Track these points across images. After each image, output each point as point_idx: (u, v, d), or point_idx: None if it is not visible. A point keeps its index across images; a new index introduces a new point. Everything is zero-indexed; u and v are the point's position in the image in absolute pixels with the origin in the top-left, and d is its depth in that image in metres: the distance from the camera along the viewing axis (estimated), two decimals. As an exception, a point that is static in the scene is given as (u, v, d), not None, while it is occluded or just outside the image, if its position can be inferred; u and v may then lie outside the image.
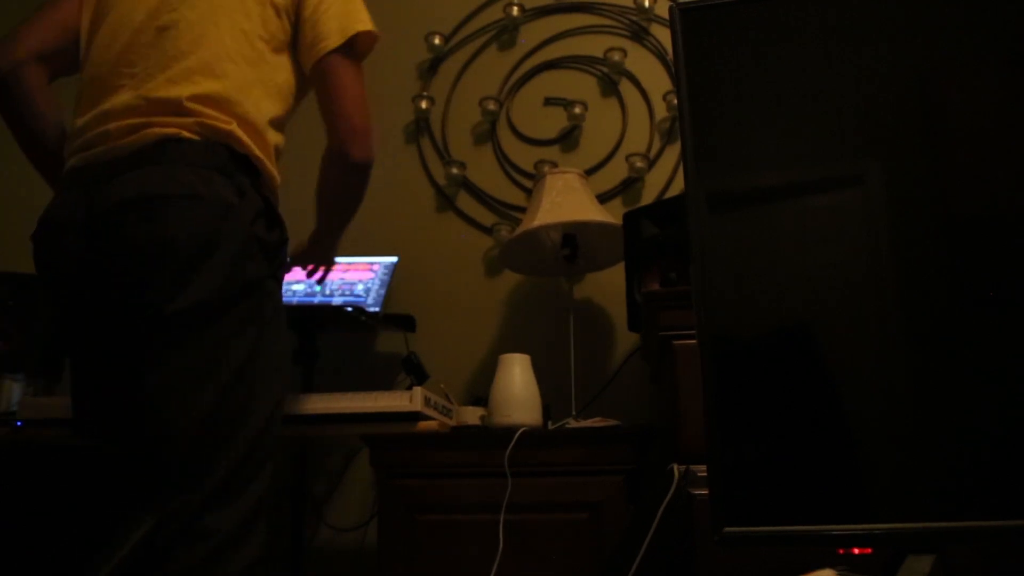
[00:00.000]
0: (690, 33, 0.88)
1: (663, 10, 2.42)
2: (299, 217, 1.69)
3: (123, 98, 1.34)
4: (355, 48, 1.53)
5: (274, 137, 1.46)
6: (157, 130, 1.30)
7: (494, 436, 1.71)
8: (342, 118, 1.52)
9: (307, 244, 1.73)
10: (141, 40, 1.38)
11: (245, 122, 1.37)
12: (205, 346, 1.27)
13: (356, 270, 2.27)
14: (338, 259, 2.30)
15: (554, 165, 2.33)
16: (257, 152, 1.38)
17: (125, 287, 1.27)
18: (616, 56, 2.38)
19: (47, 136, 1.45)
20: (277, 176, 1.46)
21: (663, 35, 2.42)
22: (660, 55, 2.41)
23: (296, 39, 1.50)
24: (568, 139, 2.42)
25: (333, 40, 1.49)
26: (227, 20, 1.40)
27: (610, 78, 2.43)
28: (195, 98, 1.33)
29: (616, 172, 2.34)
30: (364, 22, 1.54)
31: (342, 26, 1.49)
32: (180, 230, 1.25)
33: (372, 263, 2.28)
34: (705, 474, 1.38)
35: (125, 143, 1.30)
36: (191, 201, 1.27)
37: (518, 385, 1.80)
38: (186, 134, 1.31)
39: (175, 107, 1.32)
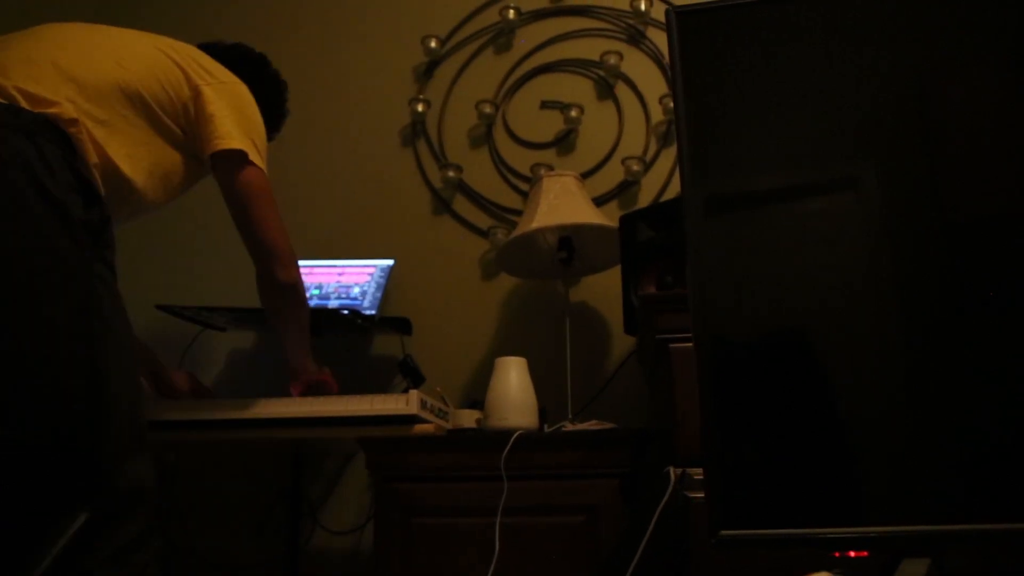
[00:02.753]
0: (686, 36, 0.88)
1: (659, 13, 2.42)
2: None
3: None
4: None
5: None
6: None
7: (490, 439, 1.71)
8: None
9: (291, 372, 1.81)
10: None
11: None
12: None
13: (352, 273, 2.27)
14: (335, 263, 2.32)
15: (550, 168, 2.33)
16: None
17: None
18: (612, 59, 2.39)
19: None
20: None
21: (659, 38, 2.42)
22: (656, 58, 2.41)
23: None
24: (564, 142, 2.42)
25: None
26: None
27: (606, 81, 2.43)
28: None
29: (612, 175, 2.34)
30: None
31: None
32: None
33: (368, 266, 2.28)
34: (701, 477, 1.38)
35: None
36: None
37: (514, 388, 1.80)
38: None
39: None
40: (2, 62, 1.36)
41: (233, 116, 1.55)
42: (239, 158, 1.56)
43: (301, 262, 2.30)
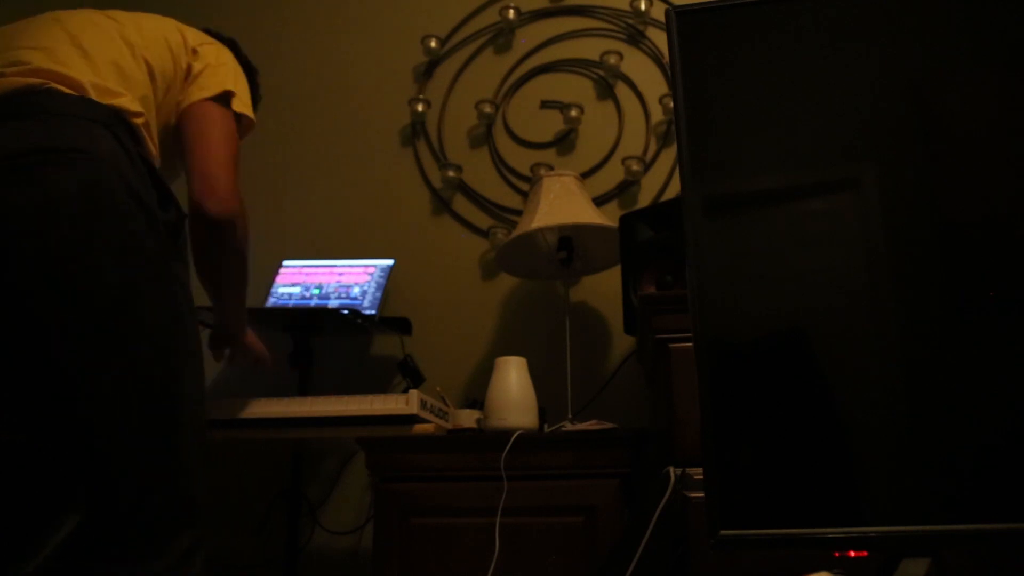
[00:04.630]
0: (686, 36, 0.88)
1: (659, 13, 2.42)
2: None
3: None
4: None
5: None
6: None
7: (490, 439, 1.71)
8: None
9: (220, 334, 1.68)
10: None
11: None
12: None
13: (352, 273, 2.27)
14: (335, 263, 2.32)
15: (550, 168, 2.33)
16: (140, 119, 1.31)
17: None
18: (612, 59, 2.39)
19: None
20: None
21: (659, 38, 2.42)
22: (656, 58, 2.42)
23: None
24: (564, 142, 2.42)
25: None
26: None
27: (606, 81, 2.44)
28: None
29: (612, 175, 2.35)
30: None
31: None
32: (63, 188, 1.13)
33: (368, 266, 2.28)
34: (701, 477, 1.38)
35: None
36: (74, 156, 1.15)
37: (514, 388, 1.80)
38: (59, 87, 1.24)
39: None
40: (52, 49, 1.30)
41: (225, 68, 1.50)
42: (220, 98, 1.46)
43: (301, 262, 2.32)
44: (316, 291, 2.23)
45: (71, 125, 1.18)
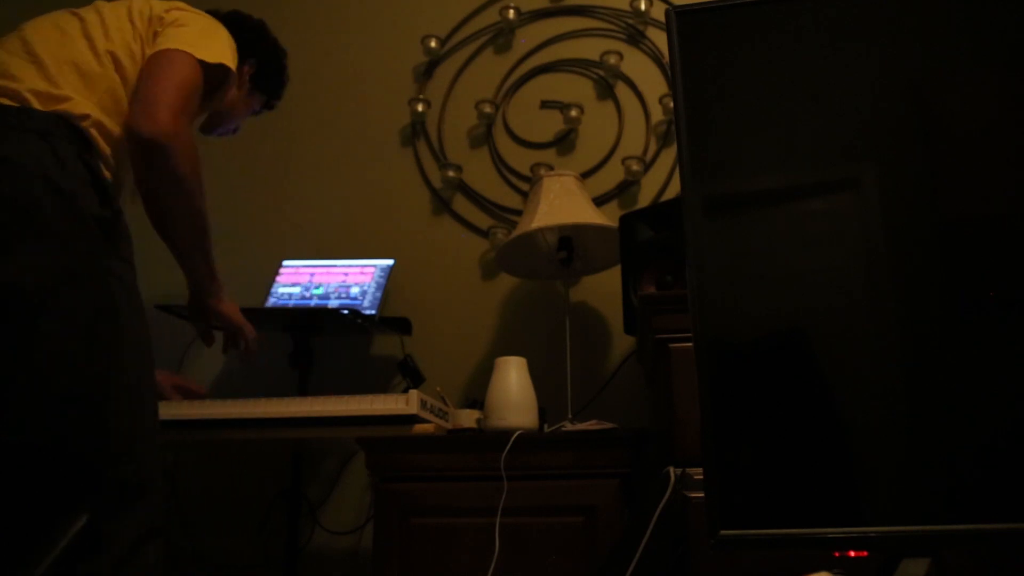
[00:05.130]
0: (686, 36, 0.88)
1: (659, 13, 2.42)
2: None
3: None
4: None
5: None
6: None
7: (490, 439, 1.71)
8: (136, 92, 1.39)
9: (193, 299, 1.62)
10: None
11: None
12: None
13: (352, 273, 2.27)
14: (335, 263, 2.32)
15: (550, 168, 2.33)
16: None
17: None
18: (612, 59, 2.39)
19: None
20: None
21: (659, 38, 2.42)
22: (656, 58, 2.42)
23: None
24: (564, 142, 2.42)
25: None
26: None
27: (606, 81, 2.43)
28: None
29: (612, 175, 2.34)
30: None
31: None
32: None
33: (368, 266, 2.28)
34: (701, 477, 1.38)
35: None
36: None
37: (514, 388, 1.80)
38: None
39: None
40: (5, 63, 1.35)
41: (194, 29, 1.47)
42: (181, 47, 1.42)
43: (301, 262, 2.32)
44: (316, 291, 2.23)
45: (2, 138, 1.22)
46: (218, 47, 1.48)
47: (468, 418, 1.86)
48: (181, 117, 1.35)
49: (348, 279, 2.25)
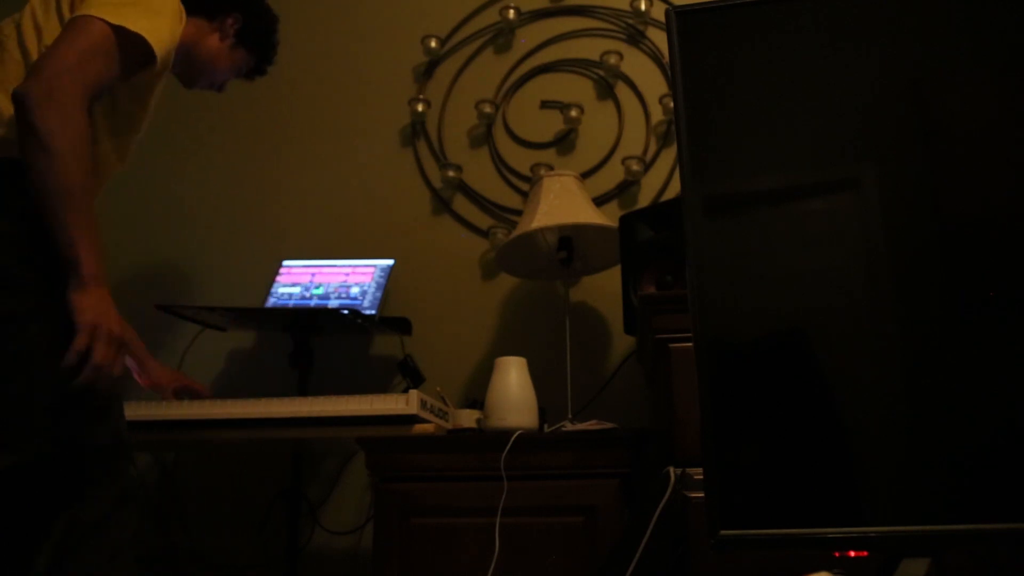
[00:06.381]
0: (686, 36, 0.88)
1: (659, 13, 2.42)
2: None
3: None
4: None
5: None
6: None
7: (490, 439, 1.71)
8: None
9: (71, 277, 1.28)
10: None
11: None
12: None
13: (352, 273, 2.27)
14: (335, 263, 2.32)
15: (550, 168, 2.33)
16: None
17: None
18: (612, 59, 2.39)
19: None
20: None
21: (659, 38, 2.42)
22: (656, 58, 2.41)
23: None
24: (564, 142, 2.42)
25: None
26: None
27: (606, 81, 2.43)
28: None
29: (612, 175, 2.34)
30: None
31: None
32: None
33: (368, 266, 2.28)
34: (701, 477, 1.38)
35: None
36: None
37: (514, 388, 1.80)
38: None
39: None
40: None
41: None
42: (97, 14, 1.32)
43: (301, 262, 2.32)
44: (316, 291, 2.23)
45: None
46: (143, 13, 1.35)
47: (468, 418, 1.86)
48: (65, 76, 1.24)
49: (348, 279, 2.25)
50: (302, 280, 2.27)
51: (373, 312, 2.16)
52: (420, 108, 2.49)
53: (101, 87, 1.32)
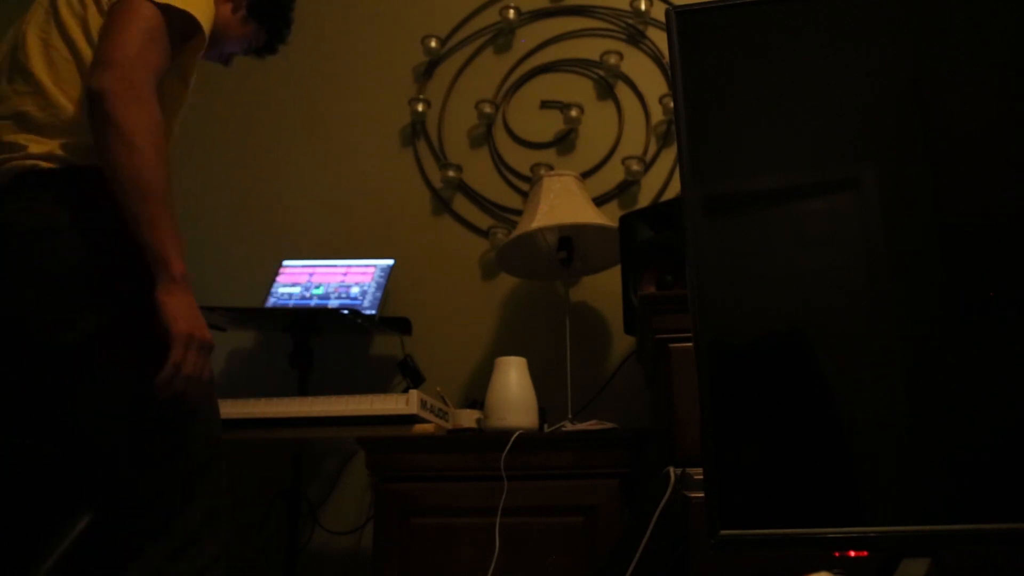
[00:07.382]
0: (686, 36, 0.88)
1: (659, 13, 2.42)
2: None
3: None
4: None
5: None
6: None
7: (490, 439, 1.71)
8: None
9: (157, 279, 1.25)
10: None
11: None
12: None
13: (352, 273, 2.27)
14: (335, 263, 2.32)
15: (550, 168, 2.33)
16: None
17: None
18: (612, 59, 2.39)
19: None
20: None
21: (659, 38, 2.42)
22: (656, 58, 2.41)
23: None
24: (564, 142, 2.42)
25: None
26: None
27: (606, 81, 2.43)
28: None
29: (612, 175, 2.34)
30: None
31: None
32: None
33: (368, 266, 2.28)
34: (701, 477, 1.38)
35: None
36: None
37: (514, 388, 1.80)
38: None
39: None
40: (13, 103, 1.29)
41: None
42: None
43: (301, 262, 2.32)
44: (316, 291, 2.23)
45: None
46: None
47: (468, 418, 1.86)
48: (138, 66, 1.21)
49: (348, 279, 2.25)
50: (302, 280, 2.27)
51: (373, 312, 2.16)
52: (420, 108, 2.49)
53: (163, 72, 1.28)
